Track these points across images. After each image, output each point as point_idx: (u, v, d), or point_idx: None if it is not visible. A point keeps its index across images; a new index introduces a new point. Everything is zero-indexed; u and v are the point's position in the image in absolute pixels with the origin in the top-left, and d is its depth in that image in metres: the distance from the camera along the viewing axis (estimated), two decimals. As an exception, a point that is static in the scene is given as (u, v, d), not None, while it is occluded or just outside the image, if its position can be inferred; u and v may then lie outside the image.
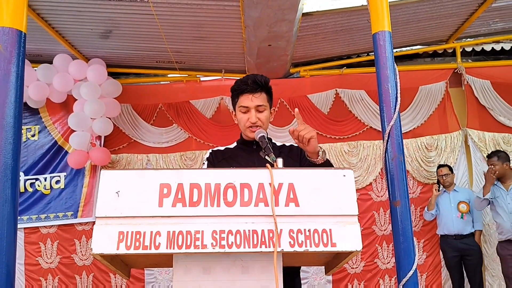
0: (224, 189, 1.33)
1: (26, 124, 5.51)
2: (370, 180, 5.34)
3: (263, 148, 1.75)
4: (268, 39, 4.37)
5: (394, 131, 1.59)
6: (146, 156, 5.50)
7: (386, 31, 1.69)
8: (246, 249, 1.26)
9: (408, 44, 5.65)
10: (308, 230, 1.29)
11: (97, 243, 1.26)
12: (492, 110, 5.46)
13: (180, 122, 5.54)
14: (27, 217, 5.35)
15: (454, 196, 4.90)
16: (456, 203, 4.83)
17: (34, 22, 4.27)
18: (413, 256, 1.52)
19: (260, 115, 1.95)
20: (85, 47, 5.10)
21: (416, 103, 5.47)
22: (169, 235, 1.27)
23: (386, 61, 1.66)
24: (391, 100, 1.61)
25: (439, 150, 5.37)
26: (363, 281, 5.21)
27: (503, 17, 5.11)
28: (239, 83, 1.97)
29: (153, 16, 4.14)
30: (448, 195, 4.93)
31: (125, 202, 1.30)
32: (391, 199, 1.58)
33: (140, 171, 1.35)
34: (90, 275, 5.32)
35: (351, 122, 5.49)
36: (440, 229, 4.97)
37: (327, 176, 1.35)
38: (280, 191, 1.33)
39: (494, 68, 5.59)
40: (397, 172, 1.57)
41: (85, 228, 5.39)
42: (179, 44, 4.88)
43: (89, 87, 4.96)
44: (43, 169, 5.45)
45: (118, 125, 5.49)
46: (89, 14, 4.26)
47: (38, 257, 5.35)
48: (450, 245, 4.82)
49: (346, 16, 4.53)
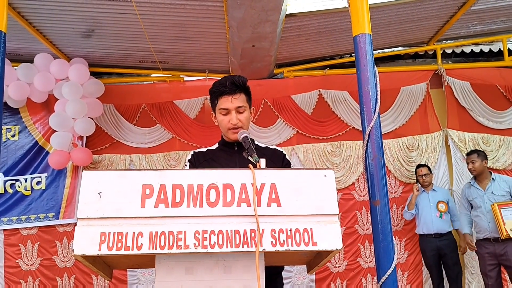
0: (207, 190, 1.34)
1: (6, 124, 5.42)
2: (352, 180, 5.39)
3: (246, 148, 1.76)
4: (251, 39, 4.38)
5: (374, 132, 1.62)
6: (129, 157, 5.45)
7: (367, 34, 1.72)
8: (228, 249, 1.28)
9: (390, 46, 5.72)
10: (289, 230, 1.30)
11: (79, 244, 1.26)
12: (472, 111, 5.57)
13: (163, 123, 5.52)
14: (7, 219, 5.26)
15: (433, 195, 4.97)
16: (435, 202, 4.91)
17: (14, 21, 4.20)
18: (392, 255, 1.56)
19: (240, 116, 1.96)
20: (67, 46, 5.04)
21: (398, 104, 5.55)
22: (152, 235, 1.27)
23: (366, 63, 1.69)
24: (371, 101, 1.64)
25: (420, 150, 5.46)
26: (346, 280, 5.26)
27: (482, 20, 5.22)
28: (218, 85, 1.98)
29: (136, 16, 4.12)
30: (427, 195, 4.99)
31: (107, 203, 1.30)
32: (371, 198, 1.61)
33: (122, 172, 1.35)
34: (72, 277, 5.25)
35: (334, 123, 5.54)
36: (419, 229, 5.03)
37: (309, 176, 1.37)
38: (262, 191, 1.34)
39: (473, 69, 5.71)
40: (377, 172, 1.60)
41: (66, 229, 5.32)
42: (163, 44, 4.86)
43: (70, 87, 4.90)
44: (24, 170, 5.36)
45: (100, 125, 5.44)
46: (71, 13, 4.21)
47: (18, 259, 5.25)
48: (429, 244, 4.88)
49: (329, 18, 4.57)
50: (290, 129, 5.48)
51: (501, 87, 5.64)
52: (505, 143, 5.49)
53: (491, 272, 4.43)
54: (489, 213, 4.41)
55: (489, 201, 4.46)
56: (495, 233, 4.38)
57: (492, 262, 4.43)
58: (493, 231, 4.39)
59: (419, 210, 5.01)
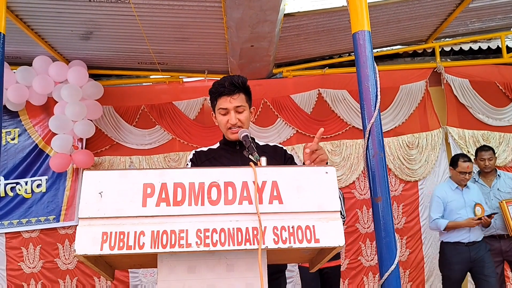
0: (208, 188, 1.33)
1: (5, 128, 5.41)
2: (353, 179, 5.39)
3: (246, 147, 1.76)
4: (250, 39, 4.38)
5: (375, 129, 1.62)
6: (129, 158, 5.45)
7: (366, 31, 1.72)
8: (230, 247, 1.27)
9: (389, 44, 5.73)
10: (291, 227, 1.30)
11: (81, 244, 1.25)
12: (471, 108, 5.57)
13: (163, 124, 5.52)
14: (7, 222, 5.25)
15: (468, 194, 4.28)
16: (472, 205, 4.20)
17: (12, 24, 4.20)
18: (394, 251, 1.55)
19: (239, 115, 1.96)
20: (65, 49, 5.03)
21: (397, 102, 5.55)
22: (153, 234, 1.27)
23: (366, 60, 1.69)
24: (372, 98, 1.64)
25: (420, 148, 5.46)
26: (348, 278, 5.26)
27: (480, 17, 5.23)
28: (217, 85, 1.98)
29: (134, 17, 4.12)
30: (461, 193, 4.30)
31: (108, 203, 1.29)
32: (372, 195, 1.61)
33: (123, 171, 1.34)
34: (74, 279, 5.25)
35: (334, 122, 5.54)
36: (448, 236, 4.25)
37: (310, 173, 1.37)
38: (264, 189, 1.34)
39: (472, 67, 5.71)
40: (378, 169, 1.60)
41: (68, 232, 5.31)
42: (161, 45, 4.86)
43: (70, 89, 4.89)
44: (24, 173, 5.36)
45: (100, 127, 5.43)
46: (69, 15, 4.20)
47: (20, 262, 5.25)
48: (460, 254, 4.14)
49: (328, 17, 4.57)
50: (290, 129, 5.49)
51: (500, 84, 5.65)
52: (505, 140, 5.49)
53: (496, 269, 4.42)
54: (495, 210, 4.39)
55: (495, 198, 4.43)
56: (501, 230, 4.35)
57: (497, 259, 4.39)
58: (499, 228, 4.36)
59: (447, 212, 4.28)
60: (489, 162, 4.51)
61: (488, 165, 4.51)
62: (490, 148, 4.60)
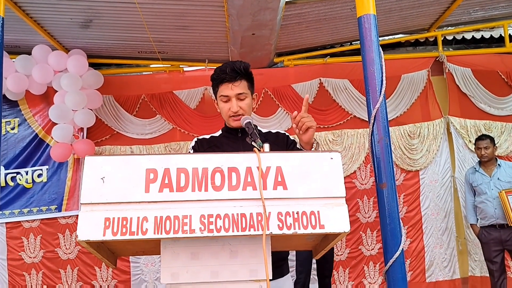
0: (212, 174, 1.31)
1: (5, 117, 5.39)
2: (354, 168, 5.38)
3: (249, 134, 1.74)
4: (251, 28, 4.34)
5: (380, 114, 1.59)
6: (129, 148, 5.44)
7: (371, 14, 1.69)
8: (234, 232, 1.25)
9: (391, 33, 5.68)
10: (296, 213, 1.28)
11: (83, 230, 1.24)
12: (473, 98, 5.54)
13: (163, 113, 5.49)
14: (9, 212, 5.25)
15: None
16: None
17: (11, 12, 4.15)
18: (399, 238, 1.54)
19: (241, 103, 1.94)
20: (64, 37, 4.99)
21: (399, 91, 5.52)
22: (157, 220, 1.25)
23: (371, 44, 1.66)
24: (377, 83, 1.62)
25: (422, 137, 5.44)
26: (348, 267, 5.27)
27: (483, 5, 5.17)
28: (218, 72, 1.95)
29: (134, 5, 4.07)
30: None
31: (111, 188, 1.27)
32: (377, 181, 1.59)
33: (125, 156, 1.33)
34: (75, 269, 5.26)
35: (335, 111, 5.51)
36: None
37: (315, 159, 1.35)
38: (268, 175, 1.32)
39: (474, 56, 5.66)
40: (383, 154, 1.58)
41: (68, 221, 5.32)
42: (162, 33, 4.81)
43: (69, 79, 4.86)
44: (24, 163, 5.35)
45: (100, 117, 5.41)
46: (69, 3, 4.16)
47: (21, 252, 5.26)
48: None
49: (329, 5, 4.52)
50: (291, 118, 5.46)
51: (503, 73, 5.61)
52: (507, 129, 5.47)
53: (496, 258, 4.46)
54: (495, 199, 4.40)
55: (495, 188, 4.44)
56: (501, 220, 4.39)
57: (497, 248, 4.46)
58: (499, 217, 4.40)
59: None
60: (485, 151, 4.54)
61: (485, 154, 4.55)
62: (488, 137, 4.61)
